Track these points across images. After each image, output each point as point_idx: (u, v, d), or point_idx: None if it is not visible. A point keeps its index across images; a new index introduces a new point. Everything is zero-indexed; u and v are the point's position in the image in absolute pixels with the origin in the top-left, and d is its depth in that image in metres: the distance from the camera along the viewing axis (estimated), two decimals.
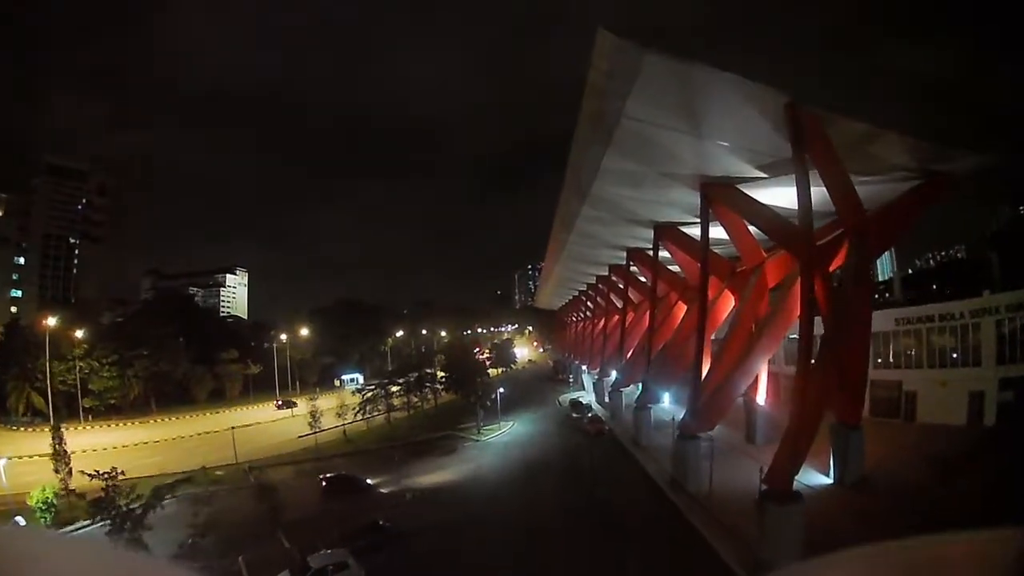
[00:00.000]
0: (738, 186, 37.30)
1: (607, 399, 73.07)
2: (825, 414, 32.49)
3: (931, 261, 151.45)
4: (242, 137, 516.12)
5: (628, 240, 58.70)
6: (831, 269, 35.84)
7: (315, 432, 64.35)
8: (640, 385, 68.96)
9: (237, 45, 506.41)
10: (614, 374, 72.69)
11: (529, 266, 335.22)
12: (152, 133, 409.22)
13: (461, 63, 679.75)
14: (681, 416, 40.79)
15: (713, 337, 47.80)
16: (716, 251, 46.84)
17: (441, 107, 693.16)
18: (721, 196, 38.47)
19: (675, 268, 57.48)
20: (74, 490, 44.40)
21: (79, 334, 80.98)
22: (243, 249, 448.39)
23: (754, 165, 34.84)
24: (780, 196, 36.50)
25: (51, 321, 76.61)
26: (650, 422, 51.74)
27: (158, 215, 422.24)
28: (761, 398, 44.88)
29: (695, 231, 48.39)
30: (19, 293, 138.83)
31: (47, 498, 40.90)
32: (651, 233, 52.08)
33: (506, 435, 66.32)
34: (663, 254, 53.69)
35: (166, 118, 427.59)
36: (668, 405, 55.56)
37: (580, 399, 79.01)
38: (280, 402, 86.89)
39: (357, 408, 71.83)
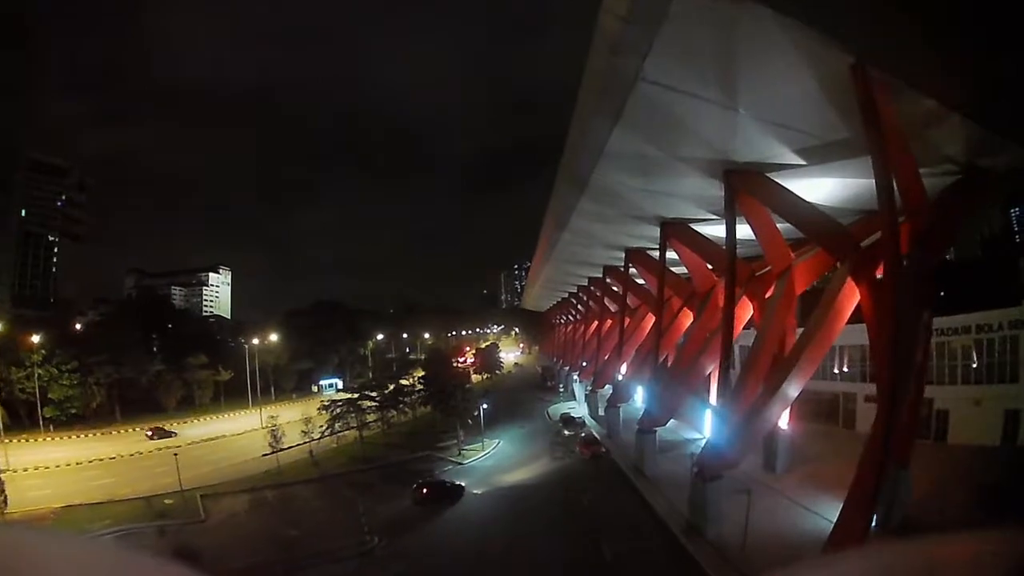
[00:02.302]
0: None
1: (601, 412, 66.80)
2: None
3: None
4: (229, 137, 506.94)
5: (628, 239, 52.43)
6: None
7: (276, 451, 57.78)
8: (632, 397, 63.34)
9: (221, 44, 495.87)
10: (609, 387, 66.36)
11: (515, 266, 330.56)
12: (136, 131, 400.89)
13: (446, 62, 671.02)
14: (687, 437, 34.50)
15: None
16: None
17: (426, 106, 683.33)
18: (748, 187, 32.08)
19: (675, 270, 51.56)
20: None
21: (36, 338, 75.07)
22: (228, 248, 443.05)
23: (793, 148, 28.41)
24: (808, 189, 30.79)
25: None
26: (655, 446, 45.28)
27: (144, 214, 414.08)
28: (784, 420, 38.46)
29: (707, 229, 42.53)
30: None
31: None
32: (654, 232, 45.78)
33: (490, 457, 59.73)
34: (667, 255, 47.25)
35: (150, 117, 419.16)
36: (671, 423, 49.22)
37: (572, 413, 72.27)
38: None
39: (325, 425, 65.02)
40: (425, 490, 46.13)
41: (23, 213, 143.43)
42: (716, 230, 41.01)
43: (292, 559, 35.16)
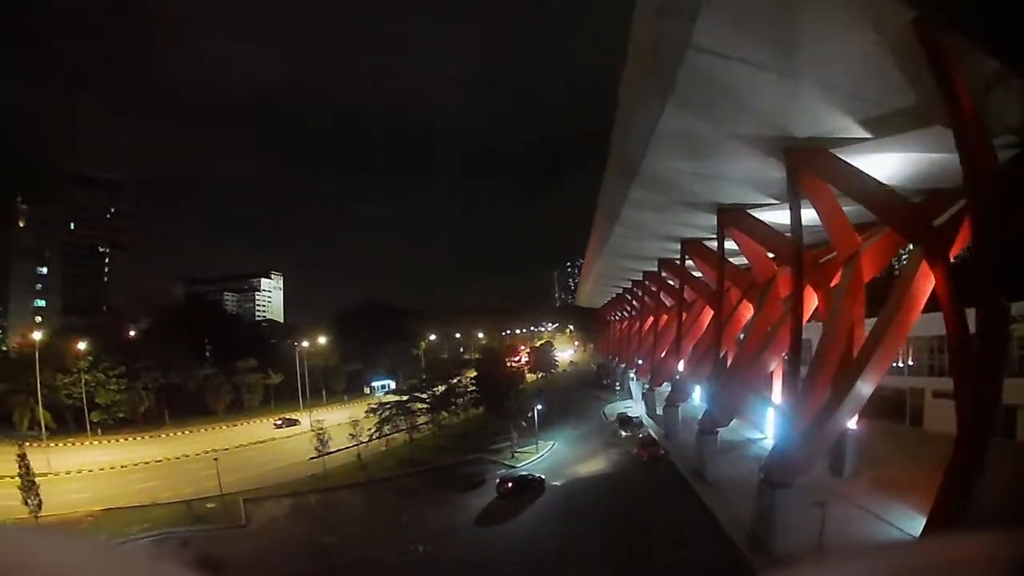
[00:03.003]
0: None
1: (658, 411, 64.06)
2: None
3: None
4: (279, 144, 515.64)
5: (683, 229, 49.56)
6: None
7: (323, 455, 56.36)
8: (690, 396, 60.41)
9: (266, 53, 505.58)
10: (667, 385, 63.57)
11: (568, 263, 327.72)
12: (183, 142, 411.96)
13: (494, 58, 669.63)
14: (748, 437, 31.73)
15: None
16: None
17: (475, 105, 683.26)
18: (811, 165, 29.21)
19: (732, 260, 48.23)
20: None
21: (82, 345, 76.57)
22: (280, 254, 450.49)
23: (856, 119, 25.47)
24: (870, 167, 27.60)
25: (37, 335, 73.91)
26: (716, 448, 42.56)
27: (196, 223, 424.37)
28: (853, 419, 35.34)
29: (766, 216, 39.63)
30: (43, 303, 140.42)
31: None
32: (710, 220, 42.85)
33: (544, 460, 57.29)
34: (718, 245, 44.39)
35: (196, 127, 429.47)
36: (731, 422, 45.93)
37: (628, 413, 69.53)
38: (279, 421, 79.39)
39: (373, 428, 63.72)
40: (509, 484, 45.78)
41: (71, 226, 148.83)
42: (774, 216, 38.47)
43: (330, 568, 33.98)
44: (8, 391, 71.13)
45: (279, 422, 77.57)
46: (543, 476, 48.02)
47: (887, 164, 28.04)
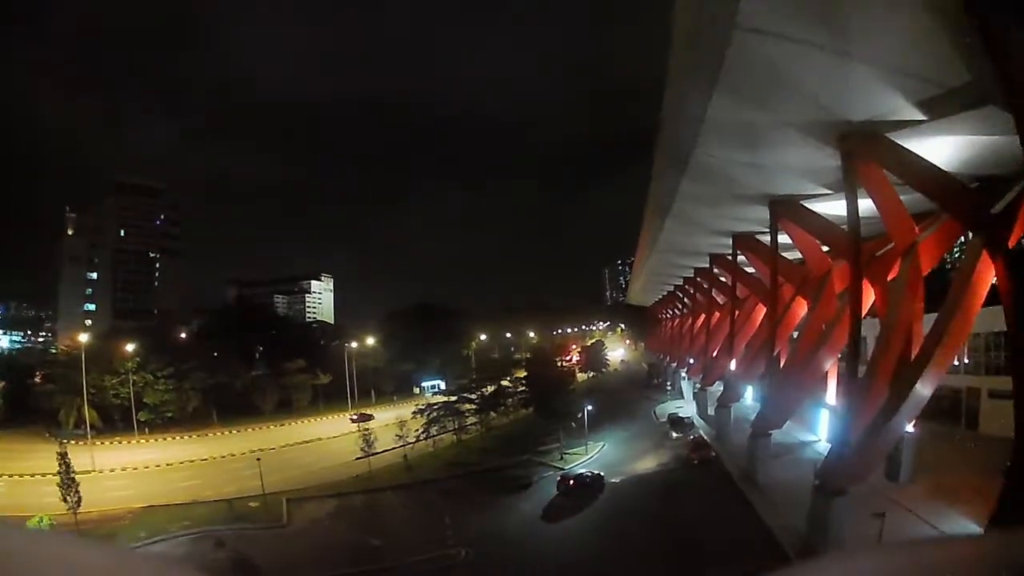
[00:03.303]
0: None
1: (710, 411, 62.28)
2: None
3: None
4: (325, 147, 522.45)
5: (734, 223, 47.89)
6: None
7: (369, 455, 56.23)
8: (743, 396, 58.43)
9: (308, 53, 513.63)
10: (719, 384, 61.75)
11: (619, 261, 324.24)
12: (232, 148, 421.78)
13: (536, 57, 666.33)
14: (800, 439, 30.08)
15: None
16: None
17: (521, 104, 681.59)
18: (866, 151, 27.55)
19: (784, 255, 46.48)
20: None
21: (129, 347, 78.59)
22: (331, 256, 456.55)
23: (911, 100, 23.83)
24: (924, 154, 25.76)
25: (83, 337, 76.27)
26: (768, 451, 40.92)
27: (247, 227, 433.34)
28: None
29: (818, 207, 37.90)
30: (92, 307, 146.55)
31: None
32: (762, 213, 41.19)
33: (593, 462, 55.95)
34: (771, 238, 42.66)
35: (243, 133, 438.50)
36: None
37: (679, 413, 67.79)
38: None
39: (420, 429, 63.39)
40: (571, 481, 45.94)
41: (121, 233, 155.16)
42: (827, 208, 36.80)
43: (369, 572, 33.57)
44: (56, 391, 72.93)
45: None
46: (602, 473, 47.56)
47: (941, 149, 26.33)
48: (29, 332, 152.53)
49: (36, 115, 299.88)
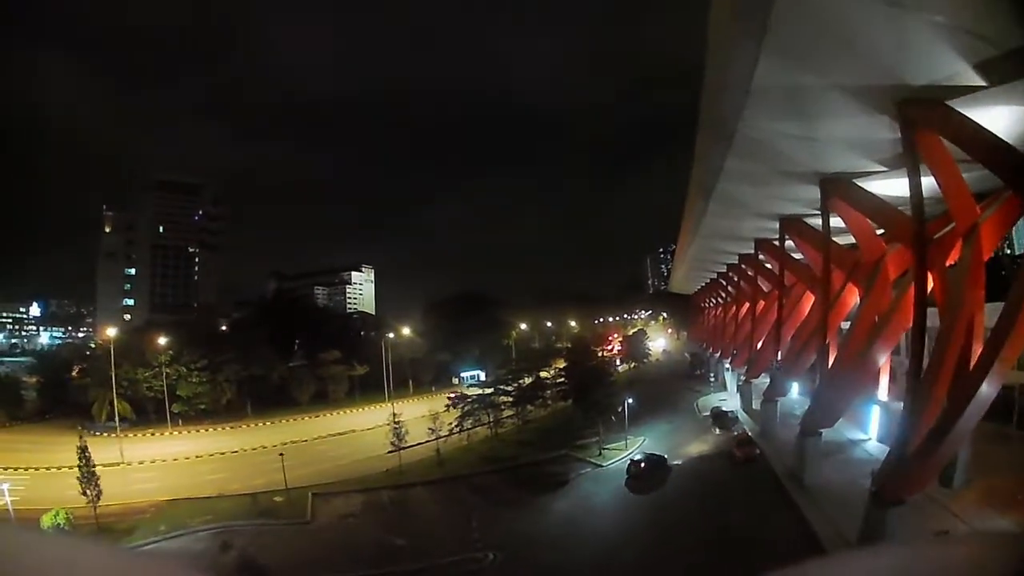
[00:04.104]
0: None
1: (754, 405, 59.59)
2: None
3: None
4: (366, 139, 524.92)
5: (782, 204, 45.55)
6: None
7: (398, 449, 54.62)
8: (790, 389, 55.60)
9: (345, 47, 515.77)
10: (764, 377, 58.95)
11: (661, 249, 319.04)
12: (273, 144, 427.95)
13: (573, 43, 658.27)
14: (849, 437, 27.49)
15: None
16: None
17: (558, 92, 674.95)
18: (927, 120, 24.93)
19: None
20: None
21: (162, 340, 79.11)
22: (372, 248, 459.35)
23: (971, 62, 21.42)
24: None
25: (111, 331, 78.70)
26: (818, 451, 38.29)
27: (288, 220, 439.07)
28: None
29: (871, 187, 35.17)
30: (131, 301, 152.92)
31: (59, 524, 37.17)
32: (812, 193, 38.84)
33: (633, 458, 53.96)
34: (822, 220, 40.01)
35: (284, 127, 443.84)
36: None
37: (723, 407, 65.04)
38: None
39: (454, 422, 61.83)
40: (642, 465, 46.31)
41: (160, 229, 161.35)
42: (880, 187, 34.73)
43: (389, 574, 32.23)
44: (89, 385, 73.78)
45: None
46: (666, 456, 48.23)
47: (1000, 119, 23.63)
48: (70, 328, 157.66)
49: (77, 118, 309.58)
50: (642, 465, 46.07)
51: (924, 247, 28.35)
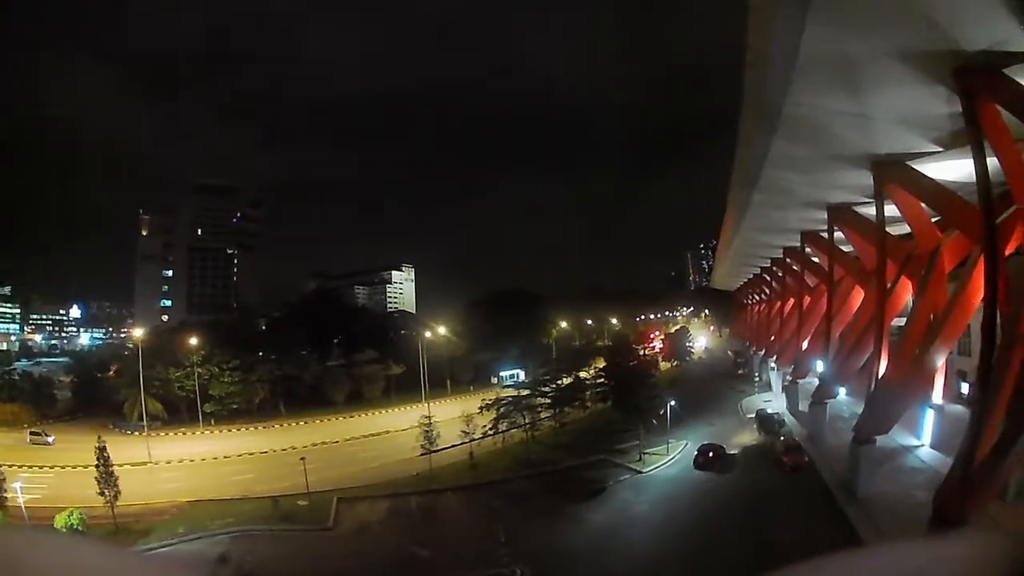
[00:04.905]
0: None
1: (801, 407, 56.61)
2: None
3: None
4: (407, 140, 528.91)
5: (831, 192, 43.17)
6: None
7: (429, 452, 52.90)
8: (838, 388, 52.37)
9: (385, 48, 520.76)
10: (813, 378, 55.95)
11: (701, 245, 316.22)
12: (321, 148, 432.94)
13: (615, 39, 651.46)
14: (901, 443, 24.86)
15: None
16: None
17: (598, 87, 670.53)
18: (990, 91, 22.32)
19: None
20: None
21: (193, 340, 79.18)
22: (413, 247, 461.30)
23: None
24: None
25: (138, 332, 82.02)
26: (872, 459, 35.41)
27: (328, 221, 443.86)
28: None
29: (931, 169, 32.47)
30: (168, 303, 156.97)
31: (72, 524, 36.41)
32: (863, 179, 36.49)
33: (674, 464, 51.58)
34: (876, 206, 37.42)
35: (323, 131, 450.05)
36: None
37: (768, 409, 62.00)
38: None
39: (488, 424, 59.75)
40: (710, 453, 49.47)
41: (198, 232, 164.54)
42: (929, 171, 32.35)
43: None
44: (122, 384, 74.43)
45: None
46: (732, 452, 51.46)
47: None
48: (111, 329, 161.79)
49: (117, 125, 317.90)
50: (710, 454, 49.23)
51: (994, 235, 25.40)
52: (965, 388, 41.84)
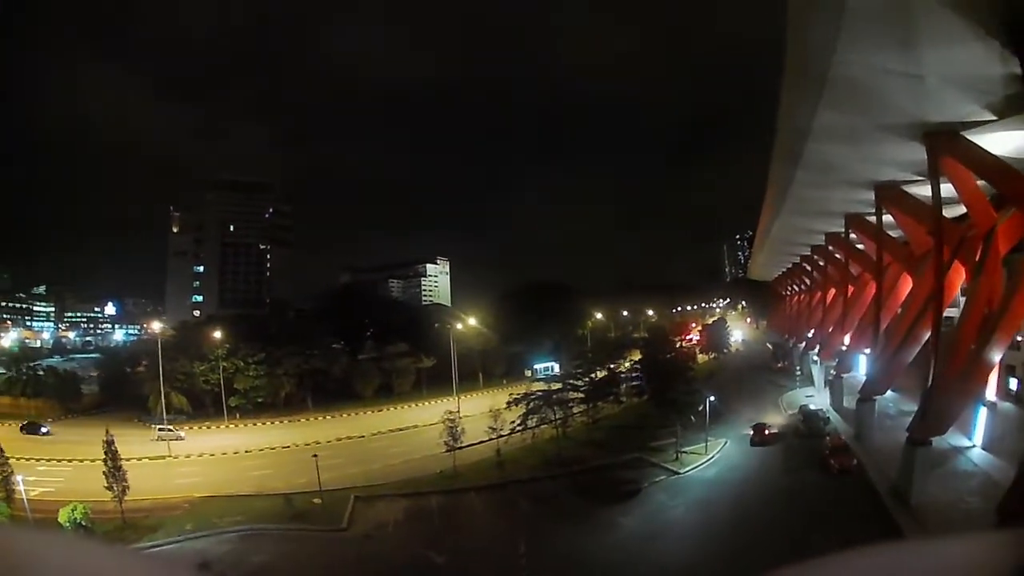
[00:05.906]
0: None
1: (846, 403, 53.79)
2: None
3: None
4: (446, 134, 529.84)
5: (878, 169, 40.46)
6: None
7: (453, 449, 51.02)
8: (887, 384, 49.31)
9: (417, 42, 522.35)
10: (859, 374, 53.01)
11: (737, 236, 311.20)
12: (359, 143, 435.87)
13: (646, 30, 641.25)
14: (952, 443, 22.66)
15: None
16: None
17: (636, 76, 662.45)
18: None
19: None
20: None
21: (217, 334, 79.55)
22: (448, 239, 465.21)
23: None
24: None
25: (157, 326, 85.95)
26: (927, 462, 32.71)
27: (364, 216, 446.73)
28: None
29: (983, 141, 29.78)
30: (200, 298, 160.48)
31: (76, 519, 36.44)
32: (913, 154, 34.02)
33: (714, 464, 49.01)
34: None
35: (362, 127, 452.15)
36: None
37: (811, 405, 59.44)
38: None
39: (516, 420, 57.09)
40: (765, 432, 53.21)
41: (230, 228, 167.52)
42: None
43: None
44: (148, 379, 75.06)
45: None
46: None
47: None
48: (144, 325, 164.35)
49: (149, 126, 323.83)
50: (765, 432, 53.00)
51: None
52: (1014, 384, 38.74)
